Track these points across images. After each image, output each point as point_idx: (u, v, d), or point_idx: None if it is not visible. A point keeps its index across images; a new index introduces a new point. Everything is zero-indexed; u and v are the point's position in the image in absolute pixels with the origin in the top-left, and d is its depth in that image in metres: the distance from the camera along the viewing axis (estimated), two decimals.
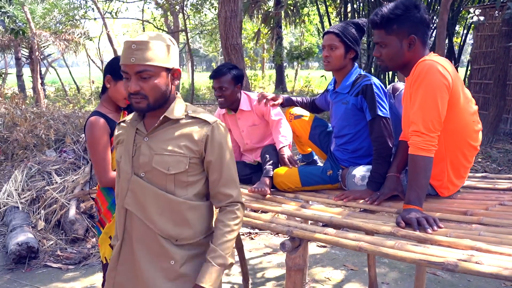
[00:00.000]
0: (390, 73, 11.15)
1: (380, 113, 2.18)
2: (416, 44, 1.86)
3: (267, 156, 2.53)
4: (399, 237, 1.62)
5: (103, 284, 2.19)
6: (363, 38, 2.52)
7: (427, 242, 1.54)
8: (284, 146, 2.50)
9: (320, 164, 2.81)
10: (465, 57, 17.46)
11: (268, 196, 2.33)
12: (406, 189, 1.81)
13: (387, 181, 2.04)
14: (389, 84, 2.71)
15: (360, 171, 2.22)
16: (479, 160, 6.15)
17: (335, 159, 2.43)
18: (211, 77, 2.66)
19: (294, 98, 2.77)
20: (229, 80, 2.59)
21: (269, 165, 2.46)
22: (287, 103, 2.74)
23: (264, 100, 2.64)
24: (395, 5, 1.86)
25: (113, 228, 2.13)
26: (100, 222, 2.20)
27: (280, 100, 2.67)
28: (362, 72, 2.35)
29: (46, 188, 4.63)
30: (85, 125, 2.09)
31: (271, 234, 4.27)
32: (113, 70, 2.09)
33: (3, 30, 10.66)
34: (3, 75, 15.58)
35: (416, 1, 1.86)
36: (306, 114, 2.64)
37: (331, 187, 2.40)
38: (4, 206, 4.66)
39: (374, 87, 2.21)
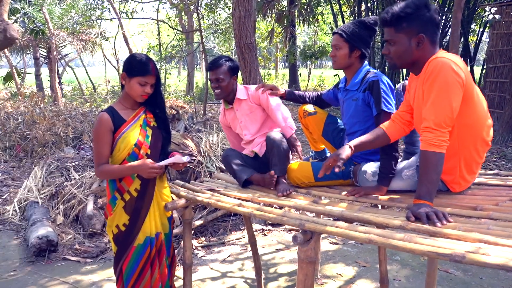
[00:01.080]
0: (404, 71, 11.07)
1: (384, 108, 2.23)
2: (424, 43, 1.88)
3: (277, 149, 2.47)
4: (409, 231, 1.65)
5: (115, 273, 2.31)
6: (375, 37, 2.54)
7: (436, 235, 1.57)
8: (293, 135, 2.58)
9: None
10: (481, 56, 17.23)
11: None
12: (417, 184, 1.84)
13: (339, 149, 2.08)
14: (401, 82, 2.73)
15: (371, 167, 2.25)
16: (494, 159, 6.10)
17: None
18: (207, 69, 2.65)
19: (296, 92, 2.80)
20: (225, 71, 2.60)
21: (283, 160, 2.47)
22: (289, 96, 2.78)
23: (262, 88, 2.67)
24: (406, 4, 1.89)
25: (113, 222, 2.26)
26: (104, 214, 2.31)
27: (280, 92, 2.70)
28: (371, 69, 2.39)
29: (64, 184, 4.77)
30: None
31: (283, 230, 4.32)
32: (128, 67, 2.18)
33: (23, 30, 10.91)
34: (22, 75, 15.93)
35: (427, 0, 1.88)
36: (319, 111, 2.68)
37: (343, 183, 2.43)
38: (24, 201, 4.82)
39: (380, 83, 2.27)
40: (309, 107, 2.68)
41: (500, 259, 1.28)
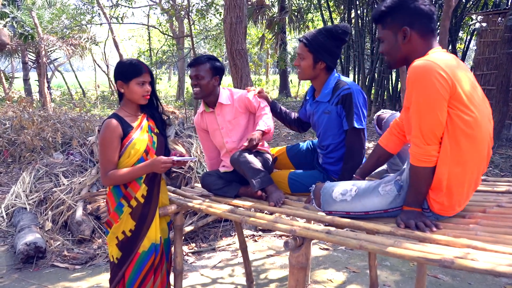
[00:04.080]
0: (394, 76, 11.18)
1: (356, 125, 2.18)
2: (411, 36, 1.75)
3: (252, 162, 2.30)
4: (399, 236, 1.67)
5: (110, 280, 2.27)
6: (344, 44, 2.33)
7: (425, 241, 1.59)
8: (259, 130, 2.34)
9: None
10: (469, 63, 17.48)
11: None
12: (407, 192, 1.82)
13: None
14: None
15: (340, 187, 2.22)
16: None
17: (326, 171, 2.42)
18: (188, 65, 2.48)
19: (279, 106, 2.67)
20: (207, 69, 2.41)
21: (263, 171, 2.32)
22: (273, 107, 2.64)
23: (252, 90, 2.54)
24: None
25: (119, 229, 2.22)
26: (107, 223, 2.27)
27: (267, 99, 2.58)
28: (341, 78, 2.29)
29: (53, 189, 4.72)
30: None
31: (274, 236, 4.32)
32: (120, 74, 2.19)
33: (12, 34, 10.81)
34: (10, 79, 15.77)
35: None
36: (276, 153, 2.66)
37: None
38: (12, 207, 4.75)
39: (354, 96, 2.19)
40: (274, 153, 2.68)
41: (487, 264, 1.31)
